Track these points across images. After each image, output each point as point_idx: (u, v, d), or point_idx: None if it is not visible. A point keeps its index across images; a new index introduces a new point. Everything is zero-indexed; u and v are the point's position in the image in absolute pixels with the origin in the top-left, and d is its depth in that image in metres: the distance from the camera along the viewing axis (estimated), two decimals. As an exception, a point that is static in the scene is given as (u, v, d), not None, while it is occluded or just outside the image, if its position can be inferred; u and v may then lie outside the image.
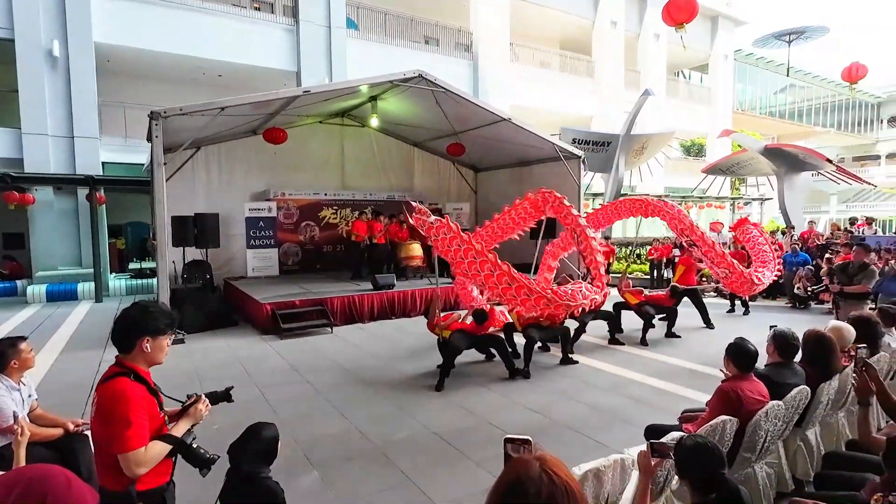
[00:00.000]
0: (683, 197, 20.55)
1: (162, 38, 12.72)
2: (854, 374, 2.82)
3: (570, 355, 6.17)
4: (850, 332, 3.51)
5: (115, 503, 1.86)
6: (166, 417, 2.07)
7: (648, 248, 13.48)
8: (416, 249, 10.62)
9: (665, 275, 12.13)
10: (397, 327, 8.36)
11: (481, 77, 17.29)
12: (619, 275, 8.85)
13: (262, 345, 7.32)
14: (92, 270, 11.31)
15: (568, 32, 20.98)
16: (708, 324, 8.05)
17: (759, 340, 3.09)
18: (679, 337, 7.39)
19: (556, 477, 0.92)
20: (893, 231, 14.94)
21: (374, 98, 10.31)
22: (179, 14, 12.93)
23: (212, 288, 9.26)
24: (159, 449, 1.91)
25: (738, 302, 9.41)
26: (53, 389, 5.35)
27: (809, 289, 9.66)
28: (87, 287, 11.42)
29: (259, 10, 14.36)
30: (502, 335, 6.10)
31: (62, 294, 11.24)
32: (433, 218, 5.47)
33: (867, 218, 15.35)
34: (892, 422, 2.94)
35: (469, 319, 5.83)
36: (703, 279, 11.63)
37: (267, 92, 8.97)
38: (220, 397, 2.38)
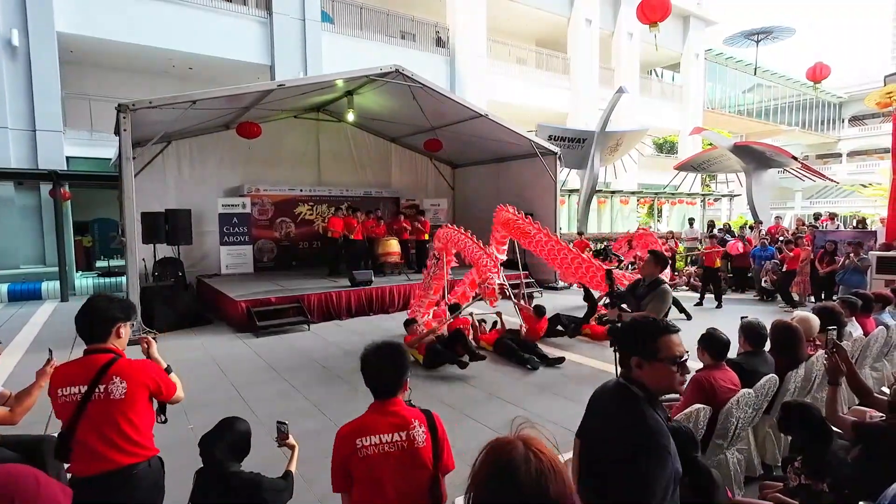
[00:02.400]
0: (656, 193, 21.00)
1: (129, 29, 12.29)
2: (825, 356, 2.94)
3: (551, 357, 6.12)
4: (816, 322, 3.65)
5: (134, 476, 2.04)
6: None
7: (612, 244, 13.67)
8: (394, 245, 10.59)
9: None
10: (375, 324, 8.32)
11: (458, 73, 17.28)
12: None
13: (238, 343, 7.19)
14: (56, 269, 10.91)
15: (544, 29, 21.14)
16: (685, 314, 8.29)
17: (732, 331, 3.19)
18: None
19: (542, 455, 0.93)
20: (853, 226, 15.53)
21: (350, 93, 10.21)
22: (147, 3, 12.52)
23: (184, 286, 9.06)
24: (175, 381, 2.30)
25: (709, 295, 9.66)
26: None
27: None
28: (51, 286, 11.01)
29: (231, 1, 14.03)
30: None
31: (25, 293, 10.82)
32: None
33: (830, 213, 15.93)
34: (857, 405, 3.07)
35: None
36: (676, 273, 11.93)
37: (240, 85, 8.81)
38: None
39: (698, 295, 9.84)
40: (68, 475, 2.14)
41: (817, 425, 2.32)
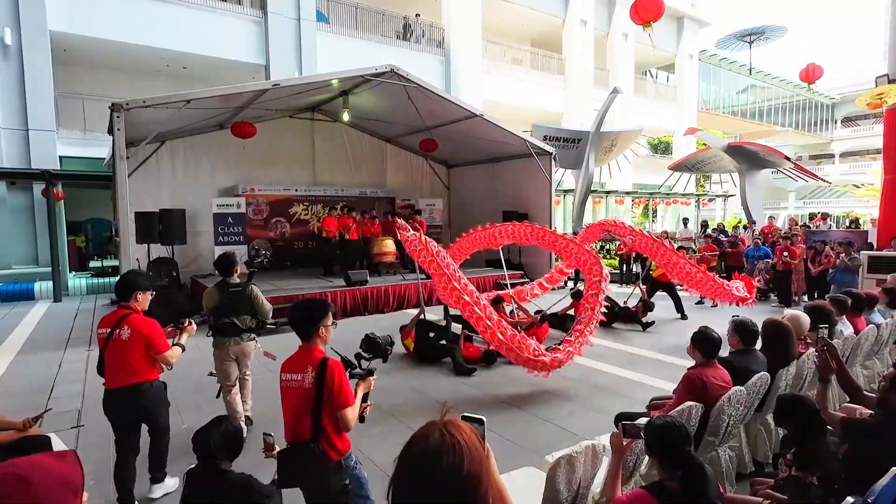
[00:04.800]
0: (651, 193, 21.10)
1: (122, 28, 12.22)
2: (816, 353, 2.98)
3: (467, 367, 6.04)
4: (807, 320, 3.69)
5: (140, 390, 3.03)
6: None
7: (618, 242, 13.74)
8: (389, 245, 10.58)
9: (634, 269, 12.40)
10: (370, 324, 8.31)
11: (453, 73, 17.30)
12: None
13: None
14: (49, 269, 10.83)
15: (539, 30, 21.19)
16: (681, 313, 8.34)
17: (725, 330, 3.22)
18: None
19: (448, 436, 0.98)
20: (846, 226, 15.67)
21: (345, 92, 10.20)
22: (141, 2, 12.44)
23: (178, 286, 9.02)
24: (178, 352, 3.17)
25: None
26: (9, 393, 5.14)
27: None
28: (44, 286, 10.94)
29: (226, 0, 13.98)
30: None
31: (17, 294, 10.75)
32: (410, 233, 5.64)
33: (823, 214, 16.08)
34: (846, 402, 3.10)
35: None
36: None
37: (234, 85, 8.78)
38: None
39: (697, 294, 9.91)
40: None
41: (811, 417, 2.35)
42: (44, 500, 1.26)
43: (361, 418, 2.32)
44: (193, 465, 2.19)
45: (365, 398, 2.34)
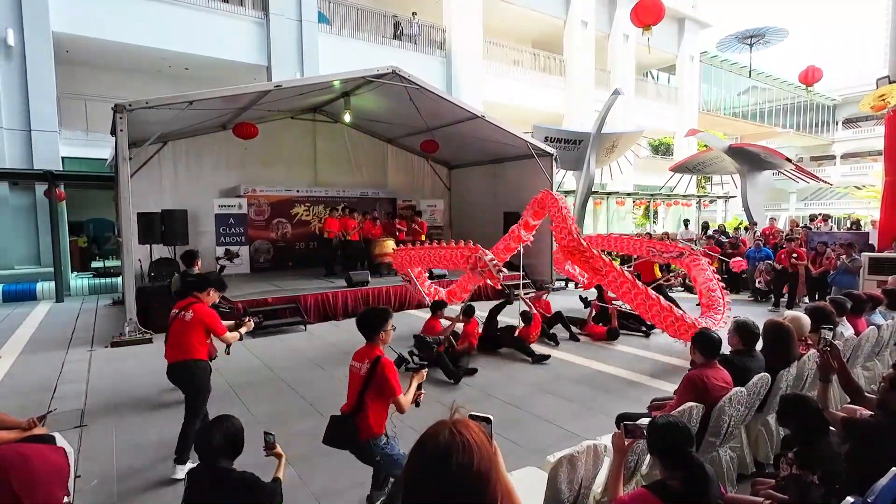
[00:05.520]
0: (652, 194, 21.11)
1: (125, 29, 12.26)
2: (818, 354, 2.99)
3: (538, 354, 6.19)
4: (808, 321, 3.69)
5: (187, 366, 3.58)
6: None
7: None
8: (390, 246, 10.57)
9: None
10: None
11: (455, 74, 17.32)
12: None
13: (235, 343, 7.17)
14: (52, 269, 10.86)
15: (540, 31, 21.21)
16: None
17: (725, 331, 3.22)
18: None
19: (458, 434, 0.99)
20: (847, 227, 15.68)
21: (346, 94, 10.22)
22: (143, 3, 12.49)
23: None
24: (234, 336, 3.83)
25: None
26: (12, 393, 5.15)
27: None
28: (46, 286, 10.96)
29: (228, 1, 14.02)
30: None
31: (20, 294, 10.77)
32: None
33: (824, 215, 16.08)
34: (847, 403, 3.11)
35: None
36: (672, 274, 11.98)
37: (237, 86, 8.81)
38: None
39: (696, 295, 9.89)
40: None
41: (813, 416, 2.36)
42: (38, 478, 1.66)
43: (417, 404, 2.77)
44: (194, 466, 2.20)
45: (419, 387, 2.79)
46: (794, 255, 9.24)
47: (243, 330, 3.91)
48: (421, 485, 0.99)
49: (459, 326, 6.19)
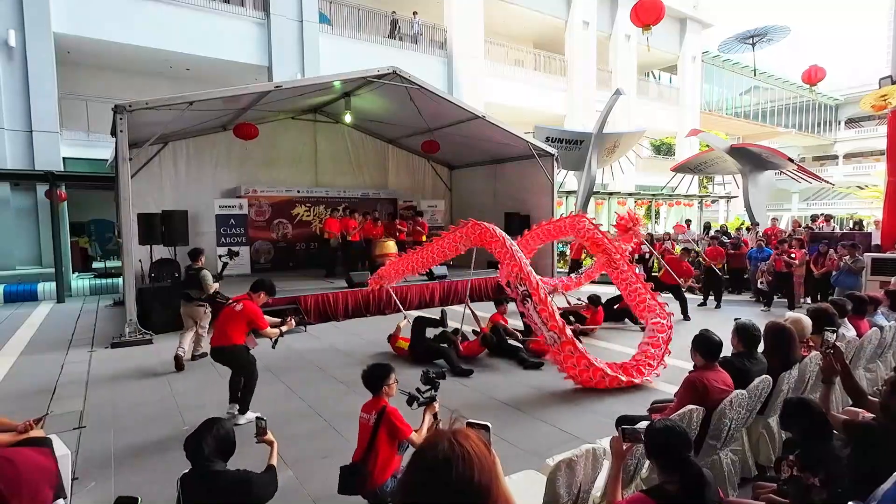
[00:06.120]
0: (654, 195, 21.05)
1: (125, 30, 12.28)
2: (821, 355, 2.96)
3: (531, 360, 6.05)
4: (809, 323, 3.67)
5: (229, 351, 4.28)
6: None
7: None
8: (391, 247, 10.57)
9: (638, 270, 12.35)
10: (372, 325, 8.32)
11: (456, 74, 17.31)
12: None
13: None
14: (53, 270, 10.87)
15: (541, 31, 21.18)
16: (685, 315, 8.33)
17: (727, 332, 3.20)
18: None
19: (457, 445, 0.96)
20: (849, 227, 15.62)
21: (347, 94, 10.21)
22: (144, 4, 12.51)
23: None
24: (275, 331, 4.39)
25: (711, 297, 9.73)
26: (11, 394, 5.15)
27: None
28: (47, 287, 10.97)
29: (228, 2, 14.03)
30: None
31: (21, 295, 10.78)
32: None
33: (826, 215, 16.00)
34: (849, 405, 3.08)
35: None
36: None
37: (237, 86, 8.80)
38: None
39: (699, 296, 9.91)
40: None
41: (817, 419, 2.34)
42: (23, 478, 1.76)
43: None
44: (186, 471, 2.18)
45: (434, 417, 2.95)
46: (785, 256, 9.14)
47: (284, 328, 4.40)
48: (419, 498, 0.96)
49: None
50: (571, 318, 7.27)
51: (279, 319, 4.48)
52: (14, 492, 1.68)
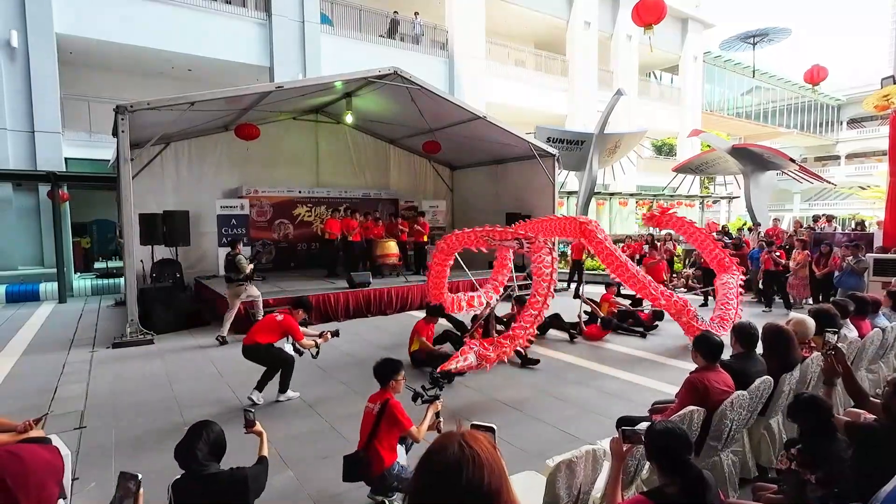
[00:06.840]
0: (655, 195, 21.03)
1: (127, 30, 12.30)
2: (823, 357, 2.95)
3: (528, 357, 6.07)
4: (812, 324, 3.65)
5: (261, 348, 4.76)
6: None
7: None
8: (392, 247, 10.58)
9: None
10: (373, 325, 8.32)
11: (457, 74, 17.31)
12: None
13: (236, 345, 7.17)
14: (55, 270, 10.89)
15: (543, 31, 21.18)
16: None
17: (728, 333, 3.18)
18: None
19: (467, 448, 0.96)
20: (852, 228, 15.59)
21: (349, 94, 10.21)
22: (146, 5, 12.52)
23: (182, 287, 9.04)
24: (309, 342, 4.79)
25: (711, 298, 9.69)
26: (13, 394, 5.16)
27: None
28: (49, 287, 10.99)
29: (230, 3, 14.05)
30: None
31: (23, 295, 10.80)
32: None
33: (827, 216, 15.96)
34: (851, 406, 3.07)
35: None
36: (674, 275, 11.95)
37: (239, 87, 8.81)
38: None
39: (700, 297, 9.88)
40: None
41: (824, 417, 2.34)
42: (30, 473, 1.75)
43: (438, 431, 2.98)
44: (178, 477, 2.17)
45: (437, 415, 3.05)
46: (777, 252, 9.32)
47: (320, 340, 4.75)
48: (429, 499, 0.95)
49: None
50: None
51: (317, 333, 4.88)
52: (21, 486, 1.67)
